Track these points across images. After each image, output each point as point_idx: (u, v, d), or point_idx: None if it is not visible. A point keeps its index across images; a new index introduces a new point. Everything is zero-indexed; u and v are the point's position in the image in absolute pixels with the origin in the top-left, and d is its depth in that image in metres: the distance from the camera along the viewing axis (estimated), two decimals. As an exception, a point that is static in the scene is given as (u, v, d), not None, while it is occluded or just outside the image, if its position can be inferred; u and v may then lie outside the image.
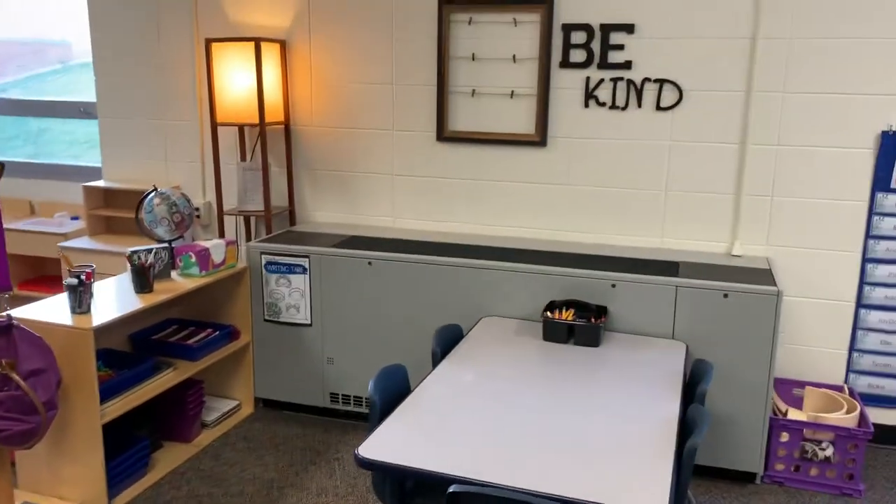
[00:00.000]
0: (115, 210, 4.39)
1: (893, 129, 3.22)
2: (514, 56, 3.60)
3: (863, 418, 3.13)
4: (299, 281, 3.53)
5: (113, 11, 4.18)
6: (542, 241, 3.72)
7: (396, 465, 2.02)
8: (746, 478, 3.19)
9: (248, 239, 4.10)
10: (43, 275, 4.79)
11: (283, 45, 3.91)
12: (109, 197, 4.45)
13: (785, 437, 3.13)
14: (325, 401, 3.64)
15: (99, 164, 4.63)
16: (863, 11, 3.16)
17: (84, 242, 4.23)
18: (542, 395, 2.44)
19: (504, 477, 1.95)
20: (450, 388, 2.49)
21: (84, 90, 4.74)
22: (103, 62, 4.28)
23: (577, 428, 2.23)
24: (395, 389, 2.49)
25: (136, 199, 4.38)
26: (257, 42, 3.63)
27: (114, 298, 3.03)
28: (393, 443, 2.12)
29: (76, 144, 4.93)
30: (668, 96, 3.46)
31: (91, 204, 4.37)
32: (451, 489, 1.87)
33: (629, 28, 3.43)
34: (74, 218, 4.70)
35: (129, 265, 3.13)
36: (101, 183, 4.35)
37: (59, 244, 4.22)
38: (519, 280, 3.25)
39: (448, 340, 2.91)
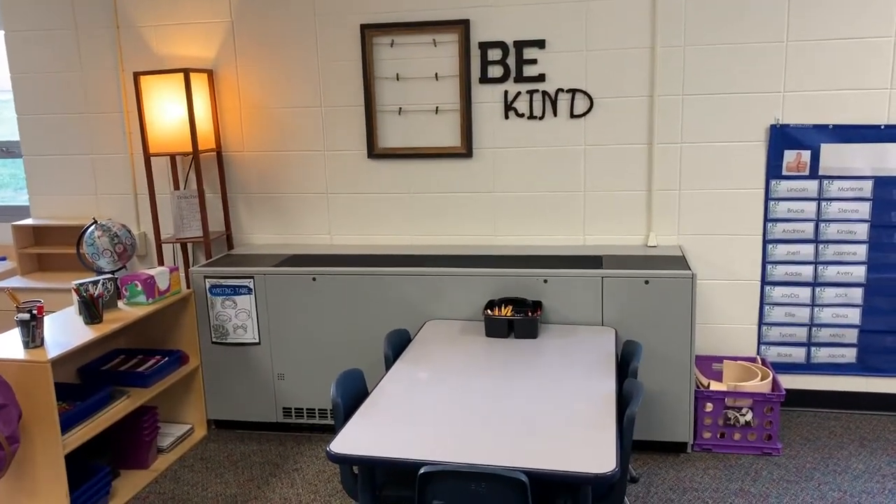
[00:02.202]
0: (46, 247, 4.37)
1: (780, 122, 3.60)
2: (436, 74, 3.83)
3: (775, 384, 3.47)
4: (245, 301, 3.63)
5: (31, 49, 4.19)
6: (474, 246, 3.94)
7: (367, 456, 2.18)
8: (678, 448, 3.48)
9: (188, 266, 4.17)
10: (-30, 319, 4.70)
11: (211, 75, 4.01)
12: (39, 234, 4.43)
13: (709, 407, 3.43)
14: (278, 416, 3.74)
15: (14, 203, 4.62)
16: (746, 19, 3.53)
17: (17, 281, 4.20)
18: (491, 384, 2.65)
19: (468, 456, 2.13)
20: (406, 385, 2.66)
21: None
22: (25, 100, 4.27)
23: (526, 408, 2.44)
24: (354, 391, 2.65)
25: (67, 235, 4.38)
26: (186, 73, 3.73)
27: (63, 331, 3.07)
28: (361, 438, 2.27)
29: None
30: (580, 104, 3.75)
31: (21, 243, 4.34)
32: (422, 470, 2.04)
33: (540, 44, 3.71)
34: (2, 258, 4.65)
35: (76, 297, 3.17)
36: (30, 221, 4.33)
37: (-10, 285, 4.18)
38: (458, 283, 3.46)
39: (398, 344, 3.09)
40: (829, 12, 3.46)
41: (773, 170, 3.63)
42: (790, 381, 3.82)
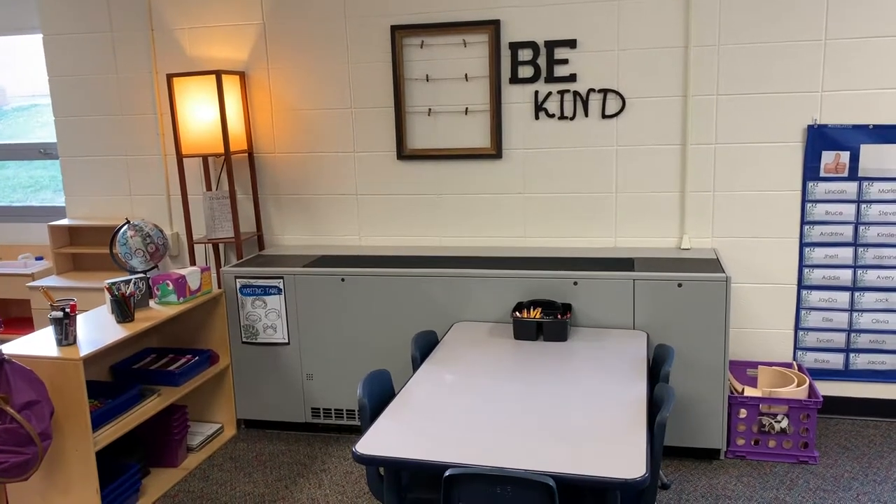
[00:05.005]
0: (81, 247, 4.44)
1: (817, 122, 3.51)
2: (465, 75, 3.81)
3: (812, 390, 3.38)
4: (275, 302, 3.64)
5: (68, 52, 4.26)
6: (504, 247, 3.91)
7: (393, 458, 2.16)
8: (711, 454, 3.41)
9: (219, 266, 4.20)
10: (8, 317, 4.79)
11: (243, 76, 4.04)
12: (75, 234, 4.50)
13: (743, 413, 3.35)
14: (306, 416, 3.75)
15: (55, 204, 4.70)
16: (781, 17, 3.45)
17: (53, 281, 4.27)
18: (519, 387, 2.62)
19: (494, 459, 2.10)
20: (433, 387, 2.64)
21: (21, 133, 4.79)
22: (62, 103, 4.34)
23: (554, 412, 2.40)
24: (381, 392, 2.63)
25: (101, 235, 4.45)
26: (218, 74, 3.76)
27: (95, 330, 3.10)
28: (387, 439, 2.26)
29: (19, 189, 4.95)
30: (612, 105, 3.70)
31: (57, 242, 4.41)
32: (447, 473, 2.02)
33: (572, 43, 3.67)
34: (39, 258, 4.73)
35: (108, 296, 3.21)
36: (65, 221, 4.39)
37: (27, 284, 4.25)
38: (486, 285, 3.43)
39: (425, 345, 3.07)
40: (868, 10, 3.37)
41: (811, 171, 3.55)
42: (827, 388, 3.72)
